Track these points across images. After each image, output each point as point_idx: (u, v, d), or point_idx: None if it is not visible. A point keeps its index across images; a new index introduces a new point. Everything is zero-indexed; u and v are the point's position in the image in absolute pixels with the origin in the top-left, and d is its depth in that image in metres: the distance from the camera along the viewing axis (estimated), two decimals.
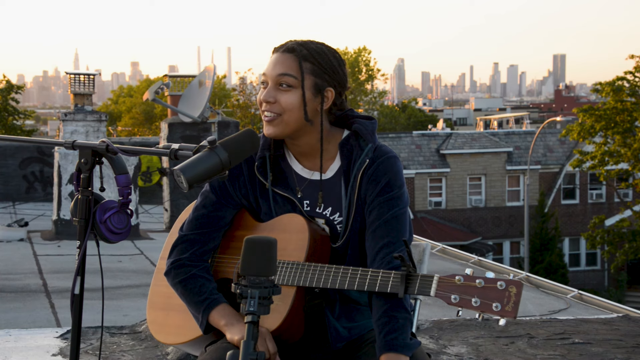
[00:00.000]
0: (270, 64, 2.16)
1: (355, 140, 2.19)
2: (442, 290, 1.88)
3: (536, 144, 31.25)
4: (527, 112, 59.74)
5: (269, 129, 2.15)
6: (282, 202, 2.21)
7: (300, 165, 2.23)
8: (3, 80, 29.14)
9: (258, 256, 1.71)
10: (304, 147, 2.20)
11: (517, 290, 1.80)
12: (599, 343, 4.45)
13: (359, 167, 2.15)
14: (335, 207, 2.20)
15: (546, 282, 9.85)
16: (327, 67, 2.15)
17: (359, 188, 2.15)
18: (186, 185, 1.79)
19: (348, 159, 2.18)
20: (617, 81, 26.36)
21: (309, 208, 2.21)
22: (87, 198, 1.94)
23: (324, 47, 2.18)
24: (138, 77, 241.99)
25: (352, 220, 2.16)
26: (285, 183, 2.22)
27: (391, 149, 2.22)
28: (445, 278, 1.88)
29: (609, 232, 26.74)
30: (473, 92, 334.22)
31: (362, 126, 2.19)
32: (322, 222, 2.21)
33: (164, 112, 31.24)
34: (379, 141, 2.22)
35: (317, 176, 2.22)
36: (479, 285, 1.84)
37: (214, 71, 13.77)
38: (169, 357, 4.03)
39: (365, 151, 2.16)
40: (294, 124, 2.13)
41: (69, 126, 13.11)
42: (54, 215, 12.84)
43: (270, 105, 2.12)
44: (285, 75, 2.11)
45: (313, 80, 2.13)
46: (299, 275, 2.07)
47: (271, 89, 2.14)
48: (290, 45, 2.16)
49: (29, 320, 6.38)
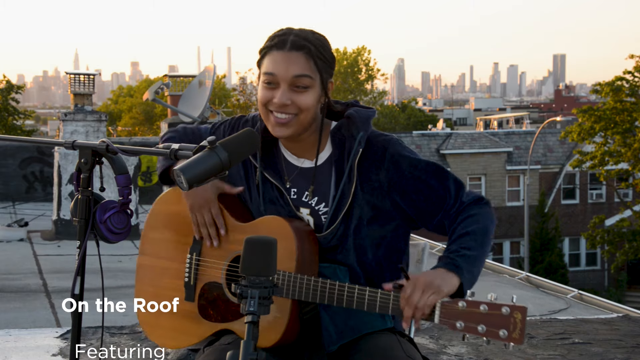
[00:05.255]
0: (279, 64, 2.05)
1: (347, 128, 2.12)
2: (446, 317, 1.84)
3: (536, 144, 31.23)
4: (527, 112, 59.70)
5: (282, 131, 2.08)
6: (270, 187, 2.18)
7: (289, 151, 2.19)
8: (3, 80, 29.15)
9: (258, 256, 1.71)
10: (302, 140, 2.16)
11: (522, 316, 1.77)
12: (599, 343, 4.45)
13: (353, 158, 2.08)
14: (320, 197, 2.15)
15: (546, 282, 9.86)
16: (331, 60, 2.11)
17: (358, 177, 2.09)
18: (186, 185, 1.79)
19: (340, 149, 2.12)
20: (616, 81, 26.35)
21: (295, 196, 2.17)
22: (87, 198, 1.94)
23: (321, 36, 2.12)
24: (138, 77, 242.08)
25: (340, 211, 2.09)
26: (275, 168, 2.18)
27: (385, 133, 2.16)
28: (447, 304, 1.85)
29: (609, 232, 26.73)
30: (473, 92, 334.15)
31: (356, 113, 2.14)
32: (307, 211, 2.16)
33: (164, 112, 31.24)
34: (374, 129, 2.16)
35: (307, 164, 2.17)
36: (483, 311, 1.80)
37: (214, 71, 13.77)
38: (169, 357, 4.03)
39: (357, 139, 2.09)
40: (307, 123, 2.09)
41: (69, 126, 13.12)
42: (54, 215, 12.85)
43: (286, 107, 2.05)
44: (302, 76, 2.04)
45: (324, 76, 2.09)
46: (292, 288, 2.02)
47: (286, 90, 2.04)
48: (296, 41, 2.06)
49: (29, 320, 6.38)
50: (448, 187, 2.09)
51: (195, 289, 2.20)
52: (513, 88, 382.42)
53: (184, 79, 16.02)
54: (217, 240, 2.18)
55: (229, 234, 2.18)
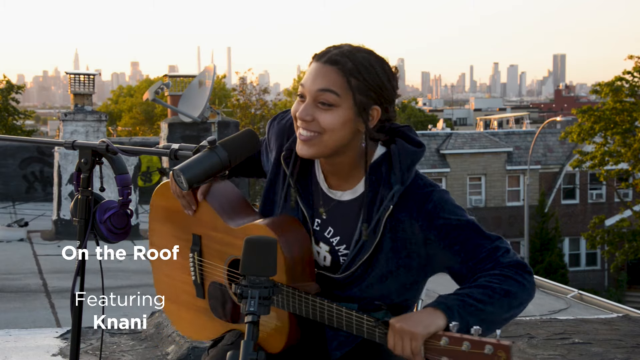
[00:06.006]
0: (309, 75, 1.89)
1: (387, 168, 1.92)
2: (430, 353, 1.76)
3: (536, 144, 31.23)
4: (527, 112, 59.68)
5: (303, 149, 1.90)
6: (297, 210, 2.03)
7: (326, 182, 2.02)
8: (3, 80, 29.15)
9: (258, 256, 1.71)
10: (336, 166, 1.97)
11: (507, 355, 1.67)
12: (599, 343, 4.45)
13: (383, 212, 1.90)
14: (343, 238, 1.98)
15: (546, 282, 9.86)
16: (374, 84, 1.87)
17: (386, 230, 1.91)
18: (186, 185, 1.79)
19: (373, 192, 1.93)
20: (616, 81, 26.34)
21: (318, 228, 2.02)
22: (87, 198, 1.94)
23: (372, 57, 1.90)
24: (138, 77, 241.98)
25: (360, 259, 1.93)
26: (307, 190, 2.03)
27: (429, 182, 1.93)
28: (430, 341, 1.75)
29: (609, 232, 26.71)
30: (473, 92, 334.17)
31: (399, 152, 1.92)
32: (326, 248, 2.01)
33: (164, 112, 31.25)
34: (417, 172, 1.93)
35: (342, 197, 1.99)
36: (465, 349, 1.71)
37: (214, 71, 13.78)
38: (169, 357, 4.03)
39: (392, 191, 1.89)
40: (333, 146, 1.89)
41: (69, 126, 13.12)
42: (54, 215, 12.85)
43: (307, 123, 1.88)
44: (326, 91, 1.85)
45: (358, 98, 1.86)
46: (286, 302, 1.95)
47: (309, 105, 1.87)
48: (334, 55, 1.87)
49: (29, 320, 6.38)
50: (492, 248, 1.87)
51: (204, 288, 2.19)
52: (513, 88, 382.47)
53: (184, 79, 16.02)
54: (191, 210, 2.11)
55: (223, 236, 2.10)
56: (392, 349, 1.76)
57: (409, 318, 1.76)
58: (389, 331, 1.77)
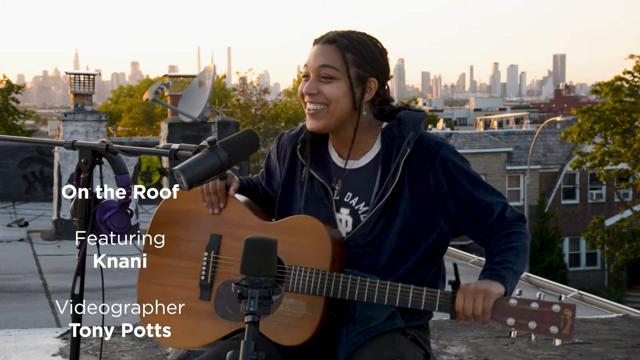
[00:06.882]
0: (311, 56, 2.13)
1: (398, 128, 2.14)
2: (497, 313, 1.90)
3: (536, 144, 31.23)
4: (527, 112, 59.66)
5: (313, 123, 2.12)
6: (317, 188, 2.19)
7: (337, 152, 2.21)
8: (3, 80, 29.12)
9: (258, 256, 1.71)
10: (342, 138, 2.17)
11: (572, 314, 1.85)
12: (599, 343, 4.45)
13: (401, 156, 2.09)
14: (362, 197, 2.15)
15: (546, 282, 9.86)
16: (369, 57, 2.12)
17: (404, 176, 2.10)
18: (186, 185, 1.79)
19: (388, 148, 2.13)
20: (616, 81, 26.33)
21: (337, 197, 2.18)
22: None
23: (365, 36, 2.15)
24: (138, 77, 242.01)
25: (380, 208, 2.09)
26: (324, 168, 2.20)
27: (438, 137, 2.16)
28: (498, 301, 1.90)
29: (609, 232, 26.70)
30: (473, 92, 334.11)
31: (407, 115, 2.16)
32: (347, 211, 2.16)
33: (164, 112, 31.23)
34: (426, 132, 2.16)
35: (355, 165, 2.18)
36: (534, 308, 1.87)
37: (214, 71, 13.77)
38: (169, 357, 4.02)
39: (407, 138, 2.11)
40: (339, 115, 2.10)
41: (69, 126, 13.13)
42: (54, 215, 12.86)
43: (314, 96, 2.10)
44: (326, 66, 2.09)
45: (355, 70, 2.10)
46: (327, 285, 2.02)
47: (313, 80, 2.11)
48: (331, 36, 2.13)
49: (29, 320, 6.38)
50: (493, 201, 2.12)
51: (212, 288, 2.17)
52: (513, 88, 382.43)
53: (184, 79, 16.01)
54: (218, 208, 2.22)
55: (254, 233, 2.09)
56: (459, 310, 1.92)
57: (478, 282, 1.95)
58: (459, 293, 1.93)
